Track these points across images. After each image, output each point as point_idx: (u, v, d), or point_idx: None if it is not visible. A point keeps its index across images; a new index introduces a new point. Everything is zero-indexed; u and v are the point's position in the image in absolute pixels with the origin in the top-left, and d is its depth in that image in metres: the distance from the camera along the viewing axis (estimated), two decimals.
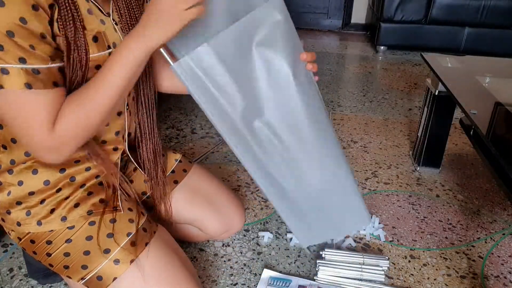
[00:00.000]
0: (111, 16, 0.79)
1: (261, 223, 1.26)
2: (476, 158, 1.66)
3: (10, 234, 0.84)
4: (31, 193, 0.78)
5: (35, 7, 0.62)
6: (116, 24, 0.80)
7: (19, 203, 0.79)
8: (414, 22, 2.89)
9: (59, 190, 0.80)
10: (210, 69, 0.77)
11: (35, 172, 0.79)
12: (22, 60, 0.62)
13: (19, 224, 0.80)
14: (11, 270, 1.06)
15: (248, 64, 0.80)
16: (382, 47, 3.11)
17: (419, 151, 1.55)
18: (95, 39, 0.73)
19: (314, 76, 0.86)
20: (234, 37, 0.77)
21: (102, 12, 0.76)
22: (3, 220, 0.82)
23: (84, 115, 0.68)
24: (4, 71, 0.61)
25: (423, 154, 1.53)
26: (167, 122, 1.94)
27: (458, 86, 1.22)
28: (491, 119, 1.07)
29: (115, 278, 0.78)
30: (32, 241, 0.80)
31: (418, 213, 1.33)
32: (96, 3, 0.75)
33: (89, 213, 0.81)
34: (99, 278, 0.79)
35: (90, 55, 0.72)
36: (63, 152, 0.70)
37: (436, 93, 1.39)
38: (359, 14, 3.77)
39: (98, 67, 0.73)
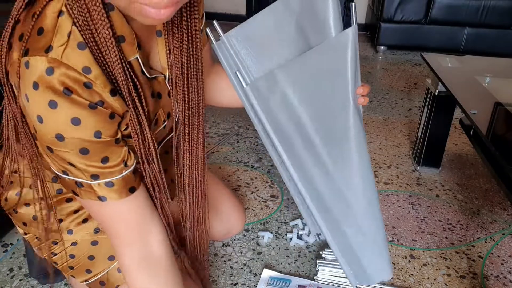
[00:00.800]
0: (167, 78, 0.70)
1: (261, 223, 1.26)
2: (476, 158, 1.66)
3: (17, 227, 0.84)
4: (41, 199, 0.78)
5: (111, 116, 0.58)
6: (168, 82, 0.71)
7: (27, 204, 0.78)
8: (414, 22, 2.89)
9: (69, 200, 0.79)
10: (281, 93, 0.79)
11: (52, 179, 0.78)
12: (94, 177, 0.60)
13: (25, 224, 0.80)
14: (11, 270, 1.06)
15: (317, 90, 0.81)
16: (382, 47, 3.11)
17: (419, 151, 1.55)
18: (156, 122, 0.71)
19: (361, 109, 0.86)
20: (307, 63, 0.78)
21: (161, 75, 0.69)
22: (10, 214, 0.82)
23: None
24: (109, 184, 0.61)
25: (423, 154, 1.53)
26: None
27: (458, 86, 1.22)
28: (491, 119, 1.07)
29: (117, 286, 0.78)
30: (38, 238, 0.80)
31: (418, 213, 1.33)
32: (158, 73, 0.68)
33: (96, 231, 0.80)
34: (102, 283, 0.79)
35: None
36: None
37: (436, 93, 1.39)
38: (359, 14, 3.76)
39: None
